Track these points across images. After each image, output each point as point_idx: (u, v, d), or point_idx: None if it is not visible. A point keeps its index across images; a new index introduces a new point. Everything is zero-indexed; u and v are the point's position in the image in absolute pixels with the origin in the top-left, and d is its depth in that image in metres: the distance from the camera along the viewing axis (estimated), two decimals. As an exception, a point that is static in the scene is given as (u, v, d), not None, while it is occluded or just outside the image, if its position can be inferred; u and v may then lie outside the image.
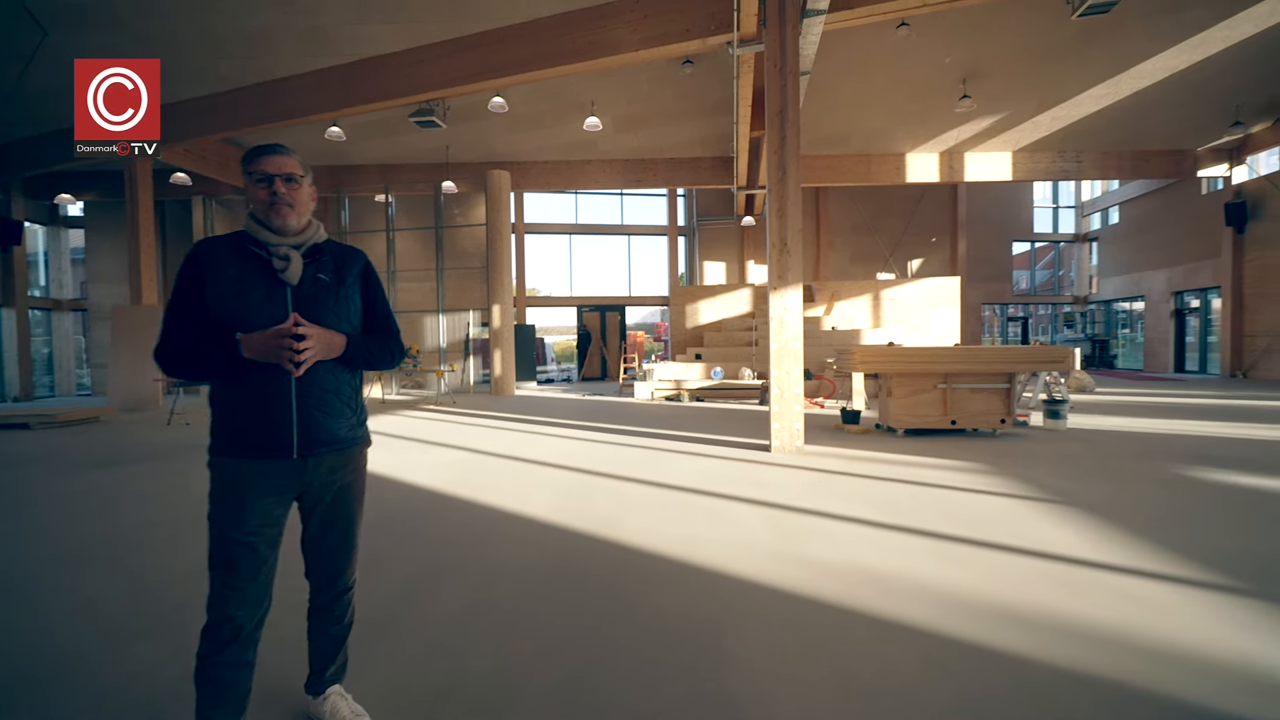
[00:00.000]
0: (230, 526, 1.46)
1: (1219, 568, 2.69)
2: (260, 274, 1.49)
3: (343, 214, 14.93)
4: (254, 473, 1.48)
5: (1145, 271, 17.74)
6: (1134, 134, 13.87)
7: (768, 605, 2.42)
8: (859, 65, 10.99)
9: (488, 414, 9.38)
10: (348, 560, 1.71)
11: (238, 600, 1.45)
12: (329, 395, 1.55)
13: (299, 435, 1.50)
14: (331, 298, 1.57)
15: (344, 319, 1.59)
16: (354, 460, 1.65)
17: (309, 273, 1.55)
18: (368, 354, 1.62)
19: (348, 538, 1.69)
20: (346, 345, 1.55)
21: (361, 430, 1.68)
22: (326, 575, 1.68)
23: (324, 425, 1.54)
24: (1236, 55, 11.02)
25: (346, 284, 1.62)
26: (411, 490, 4.46)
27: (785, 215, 5.68)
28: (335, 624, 1.72)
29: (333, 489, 1.60)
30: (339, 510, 1.64)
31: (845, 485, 4.38)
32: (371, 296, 1.70)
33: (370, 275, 1.71)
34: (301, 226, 1.57)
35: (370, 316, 1.70)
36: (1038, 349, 6.86)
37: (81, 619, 2.42)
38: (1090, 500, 3.84)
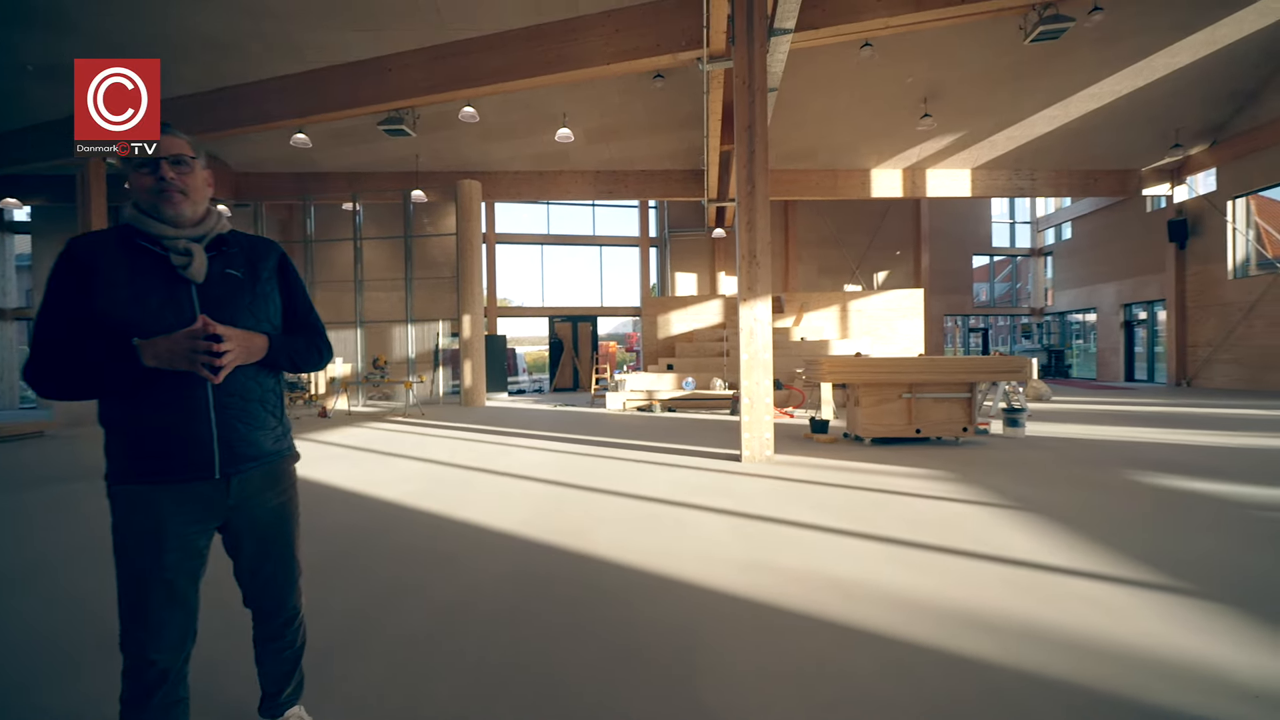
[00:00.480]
0: (144, 563, 1.28)
1: (1167, 570, 2.80)
2: (157, 272, 1.30)
3: (309, 222, 14.63)
4: (168, 499, 1.30)
5: (1096, 285, 18.52)
6: (1083, 154, 14.54)
7: (737, 615, 2.43)
8: (825, 83, 11.30)
9: (457, 425, 9.24)
10: (291, 584, 1.57)
11: (157, 644, 1.28)
12: (253, 404, 1.40)
13: (220, 451, 1.33)
14: (246, 295, 1.41)
15: (263, 318, 1.44)
16: (284, 475, 1.51)
17: (216, 268, 1.38)
18: (293, 355, 1.47)
19: (288, 561, 1.54)
20: (269, 347, 1.40)
21: (288, 441, 1.54)
22: (271, 603, 1.54)
23: (248, 438, 1.38)
24: (1176, 82, 11.68)
25: (262, 279, 1.46)
26: (375, 504, 4.36)
27: (754, 228, 5.78)
28: (287, 649, 1.59)
29: (264, 509, 1.45)
30: (274, 532, 1.49)
31: (814, 494, 4.44)
32: (291, 292, 1.54)
33: (288, 268, 1.55)
34: (198, 216, 1.38)
35: (291, 314, 1.54)
36: (997, 359, 7.09)
37: (19, 646, 2.29)
38: (1048, 506, 3.96)
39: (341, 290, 15.24)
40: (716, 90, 8.90)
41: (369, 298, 15.13)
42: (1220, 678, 1.90)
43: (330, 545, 3.43)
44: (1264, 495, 4.14)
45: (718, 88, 8.83)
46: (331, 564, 3.12)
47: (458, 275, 13.41)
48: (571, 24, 8.18)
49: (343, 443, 7.53)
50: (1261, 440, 6.47)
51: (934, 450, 6.24)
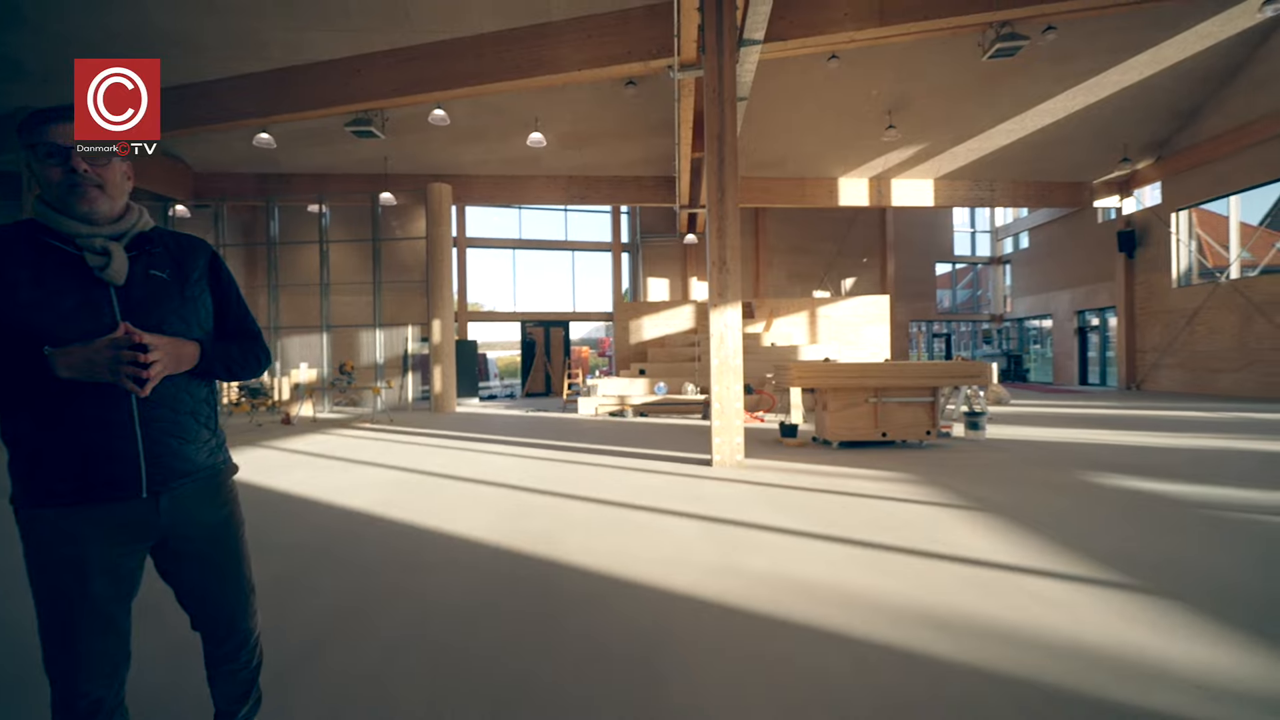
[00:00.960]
0: (66, 594, 1.17)
1: (1115, 566, 2.93)
2: (70, 274, 1.19)
3: (272, 224, 14.26)
4: (90, 523, 1.19)
5: (1052, 292, 19.23)
6: (1039, 166, 15.11)
7: (705, 620, 2.45)
8: (794, 93, 11.52)
9: (426, 431, 9.10)
10: (243, 603, 1.46)
11: (88, 675, 1.18)
12: (183, 416, 1.29)
13: (148, 468, 1.22)
14: (174, 299, 1.29)
15: (193, 324, 1.32)
16: (221, 490, 1.40)
17: (138, 270, 1.26)
18: (228, 362, 1.37)
19: (236, 580, 1.44)
20: (201, 354, 1.29)
21: (223, 454, 1.43)
22: (222, 627, 1.43)
23: (180, 452, 1.28)
24: (1124, 99, 12.24)
25: (191, 281, 1.34)
26: (339, 513, 4.27)
27: (724, 235, 5.85)
28: (242, 669, 1.49)
29: (202, 527, 1.35)
30: (217, 551, 1.38)
31: (782, 498, 4.50)
32: (225, 295, 1.43)
33: (220, 268, 1.44)
34: (116, 212, 1.27)
35: (225, 318, 1.44)
36: (959, 364, 7.31)
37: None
38: (1005, 506, 4.10)
39: (307, 294, 14.88)
40: (688, 98, 9.00)
41: (335, 302, 14.80)
42: (1165, 671, 1.99)
43: (289, 557, 3.34)
44: (1207, 494, 4.35)
45: (689, 95, 8.93)
46: (290, 576, 3.04)
47: (428, 279, 13.23)
48: (543, 29, 8.18)
49: (306, 450, 7.35)
50: (1204, 441, 6.80)
51: (899, 453, 6.39)
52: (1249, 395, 12.44)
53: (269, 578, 2.95)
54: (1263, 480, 4.76)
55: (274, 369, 13.86)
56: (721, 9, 5.76)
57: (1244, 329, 12.67)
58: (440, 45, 8.55)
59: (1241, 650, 2.10)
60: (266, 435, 8.96)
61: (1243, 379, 12.71)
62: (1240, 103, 12.34)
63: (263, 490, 5.04)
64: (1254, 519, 3.71)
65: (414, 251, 15.79)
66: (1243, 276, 13.06)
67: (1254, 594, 2.60)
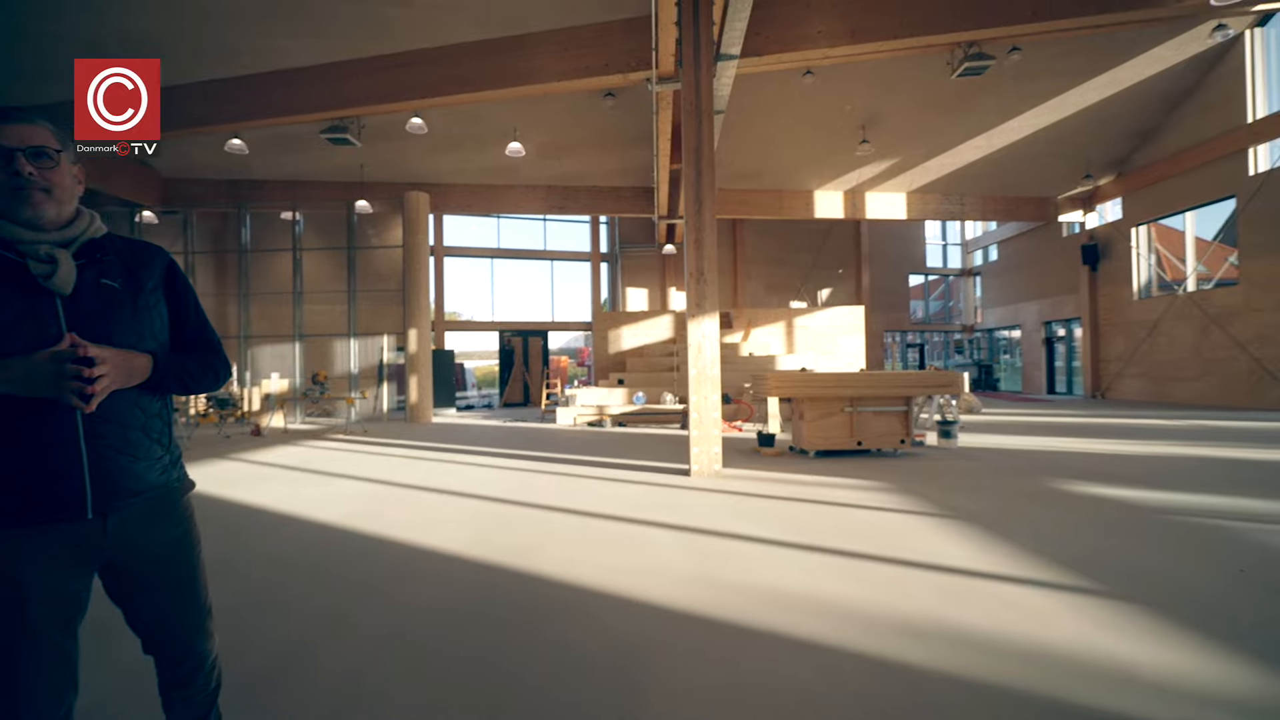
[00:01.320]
0: (4, 620, 1.11)
1: (1083, 572, 3.00)
2: (11, 282, 1.13)
3: (244, 231, 13.97)
4: (30, 544, 1.13)
5: (1020, 303, 19.77)
6: (1006, 181, 15.58)
7: (681, 631, 2.45)
8: (770, 107, 11.72)
9: (401, 443, 8.96)
10: (199, 626, 1.39)
11: (32, 706, 1.11)
12: (133, 433, 1.24)
13: (93, 487, 1.17)
14: (125, 309, 1.24)
15: (146, 335, 1.27)
16: (175, 508, 1.33)
17: (88, 278, 1.21)
18: (184, 376, 1.31)
19: (193, 600, 1.37)
20: (153, 367, 1.23)
21: (178, 471, 1.37)
22: (177, 650, 1.36)
23: (129, 470, 1.22)
24: (1085, 118, 12.72)
25: (145, 290, 1.29)
26: (311, 527, 4.17)
27: (702, 246, 5.90)
28: (198, 694, 1.42)
29: (154, 548, 1.28)
30: (171, 572, 1.32)
31: (759, 507, 4.53)
32: (182, 304, 1.37)
33: (177, 277, 1.37)
34: (64, 218, 1.21)
35: (181, 329, 1.37)
36: (932, 374, 7.45)
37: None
38: (977, 514, 4.18)
39: (279, 302, 14.58)
40: (666, 110, 9.10)
41: (309, 311, 14.53)
42: (1129, 674, 2.04)
43: (257, 573, 3.25)
44: (1168, 500, 4.49)
45: (667, 108, 9.02)
46: (258, 593, 2.96)
47: (404, 288, 13.08)
48: (522, 40, 8.21)
49: (277, 462, 7.18)
50: (1165, 448, 7.03)
51: (874, 461, 6.48)
52: (1206, 403, 12.91)
53: (235, 595, 2.87)
54: (1219, 486, 4.93)
55: (244, 379, 13.54)
56: (698, 25, 5.85)
57: (1200, 339, 13.17)
58: (419, 53, 8.52)
59: (1203, 653, 2.16)
60: (235, 447, 8.73)
61: (1200, 387, 13.19)
62: (1193, 124, 12.91)
63: (230, 504, 4.91)
64: (1211, 524, 3.84)
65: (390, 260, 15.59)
66: (1199, 289, 13.59)
67: (1214, 598, 2.68)
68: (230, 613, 2.65)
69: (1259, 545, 3.38)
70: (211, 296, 14.96)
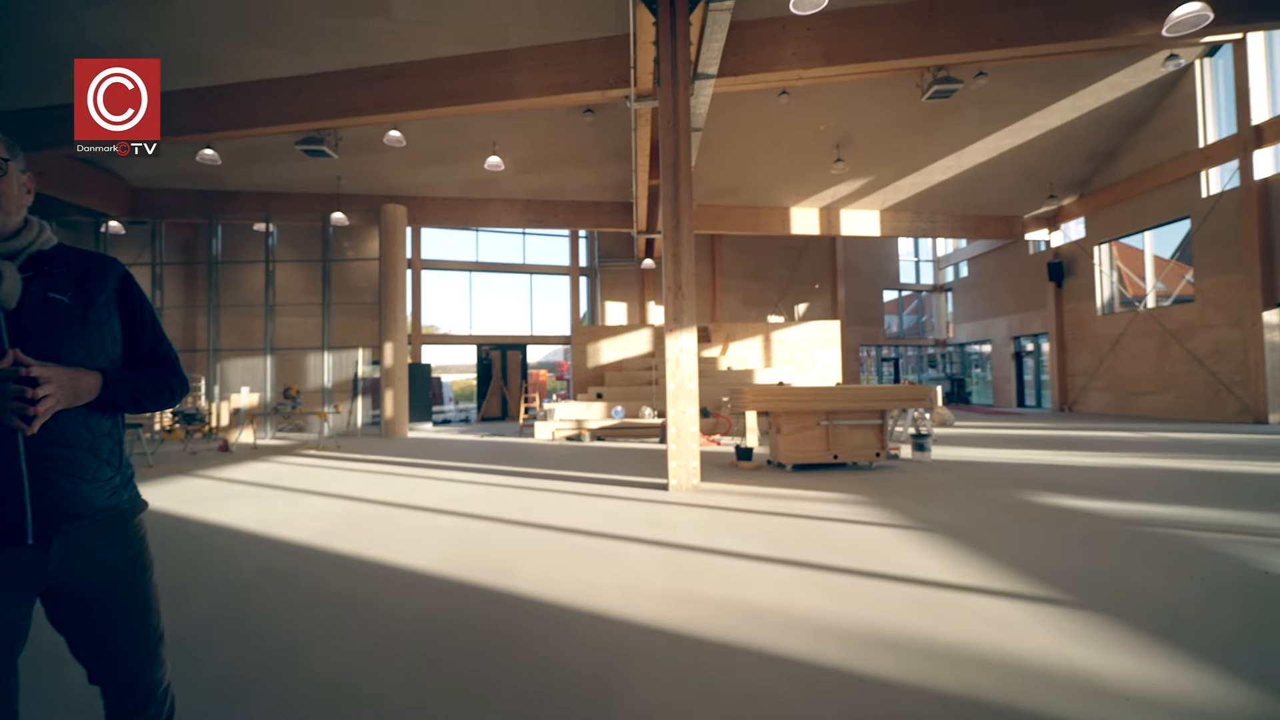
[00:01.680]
0: None
1: (1051, 583, 3.06)
2: None
3: (215, 242, 13.69)
4: None
5: (990, 319, 20.27)
6: (975, 200, 16.04)
7: (658, 648, 2.43)
8: (748, 126, 11.93)
9: (375, 458, 8.79)
10: (150, 653, 1.31)
11: None
12: (80, 454, 1.18)
13: (35, 512, 1.11)
14: (75, 324, 1.19)
15: (96, 351, 1.22)
16: (125, 532, 1.27)
17: (34, 292, 1.16)
18: (137, 394, 1.25)
19: (142, 627, 1.29)
20: (103, 385, 1.18)
21: (129, 492, 1.30)
22: (125, 677, 1.28)
23: (74, 493, 1.17)
24: (1049, 141, 13.19)
25: (98, 304, 1.23)
26: (279, 546, 4.06)
27: (680, 261, 5.95)
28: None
29: (102, 573, 1.22)
30: (119, 596, 1.25)
31: (737, 521, 4.54)
32: (137, 319, 1.31)
33: (132, 290, 1.32)
34: (11, 228, 1.17)
35: (136, 345, 1.31)
36: (906, 388, 7.58)
37: None
38: (950, 526, 4.24)
39: (250, 315, 14.29)
40: (644, 127, 9.20)
41: (282, 324, 14.26)
42: (1097, 684, 2.08)
43: (219, 595, 3.15)
44: (1131, 510, 4.61)
45: (645, 125, 9.13)
46: (218, 617, 2.86)
47: (380, 301, 12.93)
48: (502, 56, 8.25)
49: (245, 479, 6.99)
50: (1129, 460, 7.23)
51: (850, 475, 6.54)
52: (1166, 415, 13.33)
53: (193, 620, 2.78)
54: (1181, 497, 5.08)
55: (213, 394, 13.19)
56: (676, 45, 5.95)
57: (1161, 354, 13.63)
58: (398, 67, 8.50)
59: (1167, 663, 2.22)
60: (202, 464, 8.48)
61: (1160, 400, 13.63)
62: (1149, 148, 13.48)
63: (194, 523, 4.76)
64: (1174, 534, 3.95)
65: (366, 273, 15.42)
66: (1158, 306, 14.10)
67: (1177, 607, 2.75)
68: (187, 638, 2.56)
69: (1218, 554, 3.49)
70: (180, 309, 14.61)
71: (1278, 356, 11.28)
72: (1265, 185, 11.28)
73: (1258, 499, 4.93)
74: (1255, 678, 2.08)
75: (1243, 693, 1.99)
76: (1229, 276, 11.97)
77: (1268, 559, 3.37)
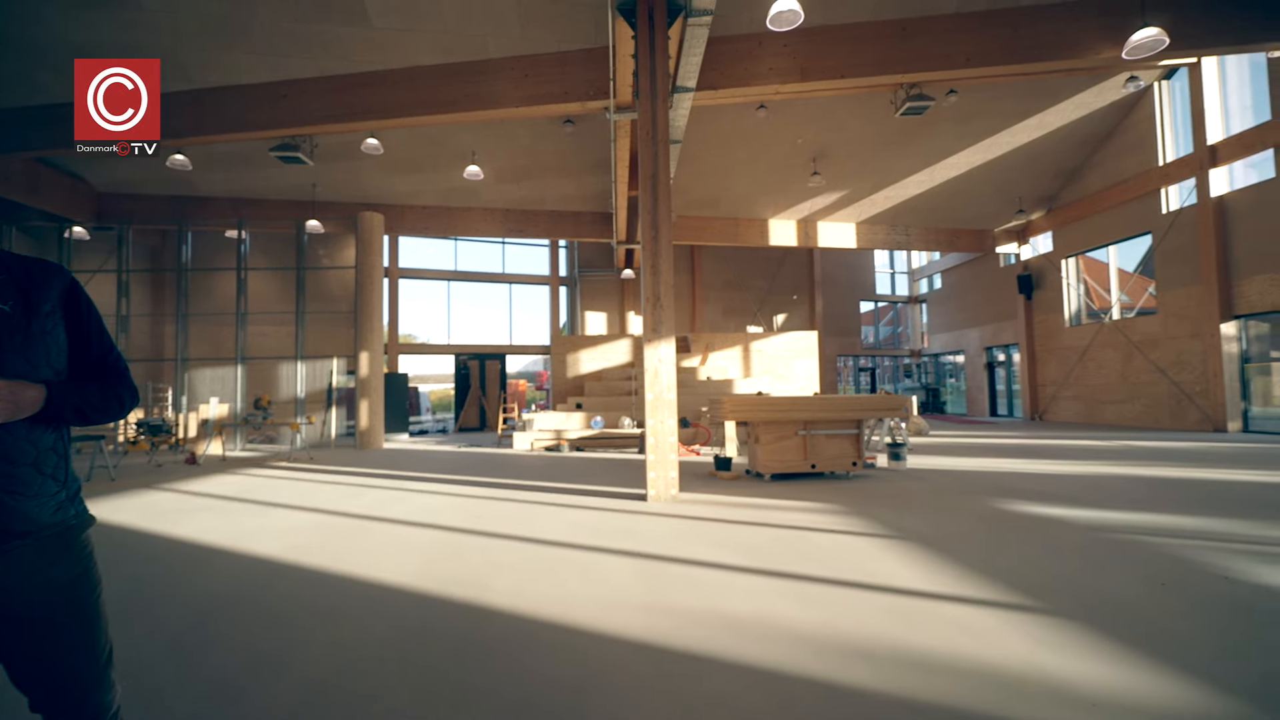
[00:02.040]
0: None
1: (1022, 590, 3.10)
2: None
3: (184, 249, 13.38)
4: None
5: (963, 330, 20.69)
6: (948, 214, 16.43)
7: (633, 661, 2.41)
8: (727, 138, 12.07)
9: (350, 470, 8.62)
10: (99, 674, 1.26)
11: None
12: (23, 469, 1.15)
13: None
14: (18, 335, 1.15)
15: (41, 363, 1.18)
16: (71, 549, 1.23)
17: None
18: (83, 406, 1.21)
19: (89, 648, 1.24)
20: (47, 398, 1.14)
21: (76, 507, 1.26)
22: (70, 703, 1.23)
23: (16, 510, 1.14)
24: (1017, 157, 13.58)
25: (41, 314, 1.19)
26: (245, 561, 3.94)
27: (658, 272, 5.97)
28: None
29: (46, 591, 1.18)
30: (64, 616, 1.21)
31: (715, 532, 4.53)
32: (84, 328, 1.27)
33: (79, 298, 1.28)
34: None
35: (83, 355, 1.28)
36: (881, 398, 7.69)
37: None
38: (925, 535, 4.29)
39: (221, 323, 13.99)
40: (624, 138, 9.25)
41: (254, 332, 13.96)
42: (1066, 690, 2.11)
43: (179, 613, 3.04)
44: (1099, 518, 4.72)
45: (625, 136, 9.19)
46: (183, 635, 2.76)
47: (356, 310, 12.74)
48: (481, 65, 8.25)
49: (213, 492, 6.79)
50: (1096, 468, 7.41)
51: (827, 484, 6.59)
52: (1132, 424, 13.71)
53: (150, 638, 2.68)
54: (1146, 504, 5.22)
55: (180, 404, 12.83)
56: (654, 58, 6.01)
57: (1125, 365, 14.04)
58: (376, 75, 8.44)
59: (1131, 666, 2.26)
60: (167, 477, 8.23)
61: (1126, 409, 14.01)
62: (1113, 165, 13.96)
63: (156, 538, 4.60)
64: (1137, 540, 4.05)
65: (342, 281, 15.21)
66: (1123, 317, 14.53)
67: (1143, 612, 2.81)
68: (142, 658, 2.47)
69: (1181, 560, 3.58)
70: (147, 317, 14.24)
71: (1235, 367, 11.70)
72: (1221, 202, 11.74)
73: (1217, 505, 5.09)
74: (1215, 681, 2.13)
75: (1203, 696, 2.04)
76: (1189, 290, 12.40)
77: (1227, 564, 3.47)
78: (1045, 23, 7.64)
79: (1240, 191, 11.49)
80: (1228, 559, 3.57)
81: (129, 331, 13.12)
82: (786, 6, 6.27)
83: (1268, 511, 4.82)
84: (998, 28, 7.69)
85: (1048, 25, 7.64)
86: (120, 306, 12.83)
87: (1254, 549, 3.78)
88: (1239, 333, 11.70)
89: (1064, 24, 7.63)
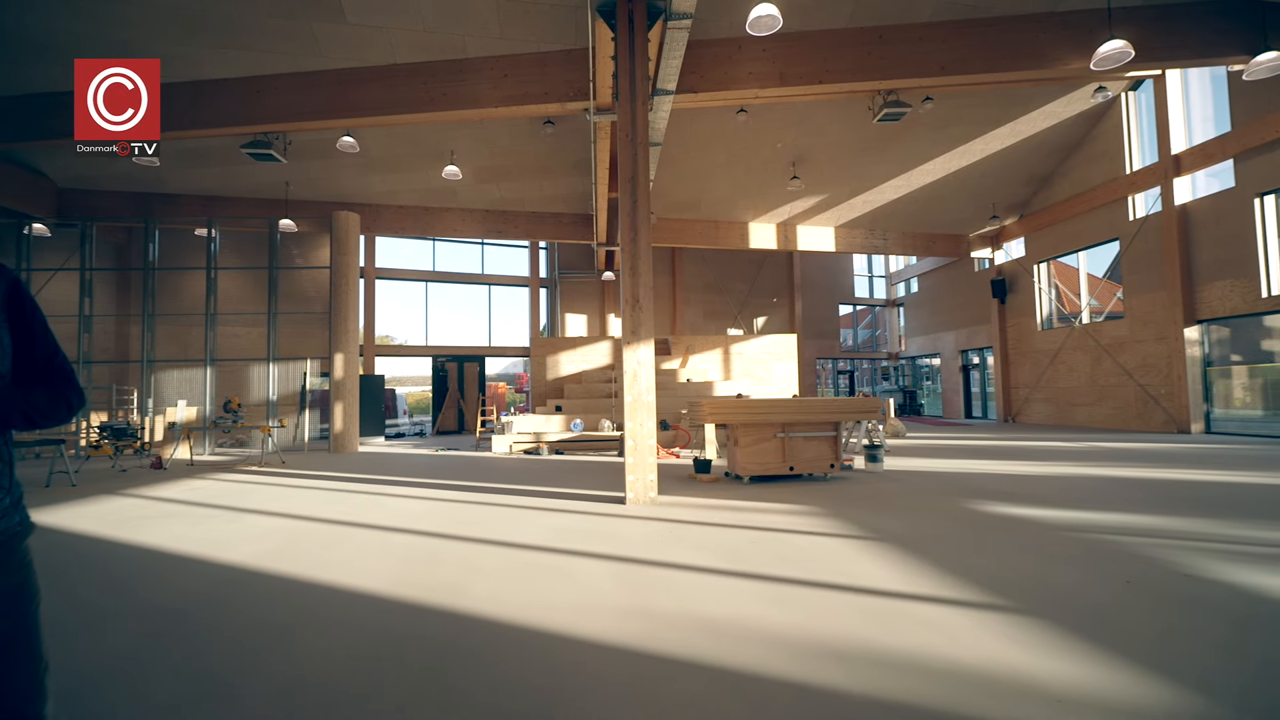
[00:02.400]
0: None
1: (993, 589, 3.15)
2: None
3: (151, 247, 13.01)
4: None
5: (939, 333, 21.05)
6: (924, 219, 16.70)
7: (609, 666, 2.38)
8: (707, 141, 12.12)
9: (323, 474, 8.44)
10: (37, 685, 1.22)
11: None
12: None
13: None
14: None
15: None
16: (12, 556, 1.20)
17: None
18: (29, 410, 1.17)
19: (26, 658, 1.20)
20: None
21: (18, 514, 1.22)
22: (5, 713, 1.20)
23: None
24: (991, 164, 13.86)
25: None
26: (212, 569, 3.82)
27: (638, 274, 5.96)
28: None
29: None
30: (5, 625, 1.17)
31: (693, 534, 4.52)
32: (27, 329, 1.23)
33: (23, 300, 1.23)
34: None
35: (28, 357, 1.23)
36: (857, 401, 7.76)
37: None
38: (900, 536, 4.33)
39: (189, 324, 13.63)
40: (604, 140, 9.24)
41: (224, 333, 13.64)
42: (1034, 687, 2.14)
43: (140, 623, 2.94)
44: (1068, 517, 4.81)
45: (605, 137, 9.17)
46: (139, 646, 2.67)
47: (330, 311, 12.51)
48: (460, 65, 8.17)
49: (179, 498, 6.59)
50: (1066, 469, 7.57)
51: (805, 486, 6.63)
52: (1101, 426, 14.06)
53: (112, 652, 2.58)
54: (1113, 504, 5.34)
55: (145, 407, 12.46)
56: (634, 60, 6.01)
57: (1095, 368, 14.40)
58: (352, 72, 8.31)
59: (1097, 664, 2.30)
60: (131, 482, 7.97)
61: (1095, 411, 14.37)
62: (1082, 173, 14.32)
63: (119, 545, 4.44)
64: (1104, 539, 4.14)
65: (316, 281, 14.92)
66: (1092, 321, 14.91)
67: (1109, 610, 2.87)
68: (104, 672, 2.38)
69: (1145, 558, 3.66)
70: (112, 318, 13.82)
71: (1198, 370, 12.06)
72: (1184, 210, 12.11)
73: (1179, 505, 5.23)
74: (1175, 676, 2.18)
75: (1163, 691, 2.08)
76: (1154, 295, 12.76)
77: (1188, 562, 3.56)
78: (1016, 34, 7.82)
79: (1202, 200, 11.87)
80: (1189, 557, 3.66)
81: (92, 332, 12.69)
82: (765, 11, 6.32)
83: (1227, 511, 4.97)
84: (971, 37, 7.84)
85: (1018, 36, 7.82)
86: (83, 306, 12.42)
87: (1214, 547, 3.89)
88: (1201, 337, 12.07)
89: (1034, 35, 7.82)
